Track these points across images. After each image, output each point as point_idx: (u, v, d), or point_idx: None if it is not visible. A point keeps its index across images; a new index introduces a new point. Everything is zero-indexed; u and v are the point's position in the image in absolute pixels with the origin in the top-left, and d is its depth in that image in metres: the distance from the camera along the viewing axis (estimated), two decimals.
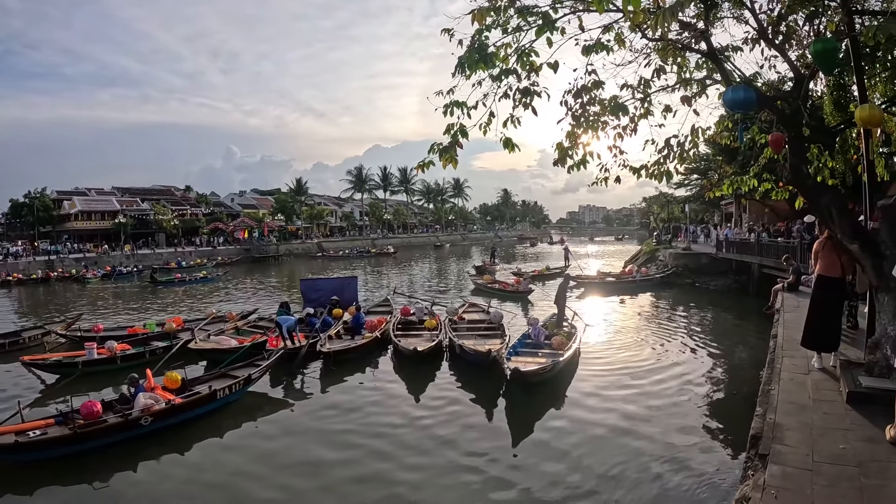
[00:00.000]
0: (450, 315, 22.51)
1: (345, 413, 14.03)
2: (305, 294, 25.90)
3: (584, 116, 8.94)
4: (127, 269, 63.67)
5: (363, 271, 59.16)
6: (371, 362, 18.46)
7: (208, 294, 42.92)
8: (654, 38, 8.90)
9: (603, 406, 14.14)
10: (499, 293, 34.92)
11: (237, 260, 75.48)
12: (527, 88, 7.98)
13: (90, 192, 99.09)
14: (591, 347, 20.00)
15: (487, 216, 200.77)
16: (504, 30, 7.84)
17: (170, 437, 12.62)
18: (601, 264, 54.86)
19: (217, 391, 14.09)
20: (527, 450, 11.71)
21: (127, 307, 36.78)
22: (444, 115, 7.63)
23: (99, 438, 11.94)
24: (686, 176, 52.85)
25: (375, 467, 11.06)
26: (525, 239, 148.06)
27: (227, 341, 19.62)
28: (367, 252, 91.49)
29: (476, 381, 16.07)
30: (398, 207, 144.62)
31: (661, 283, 37.66)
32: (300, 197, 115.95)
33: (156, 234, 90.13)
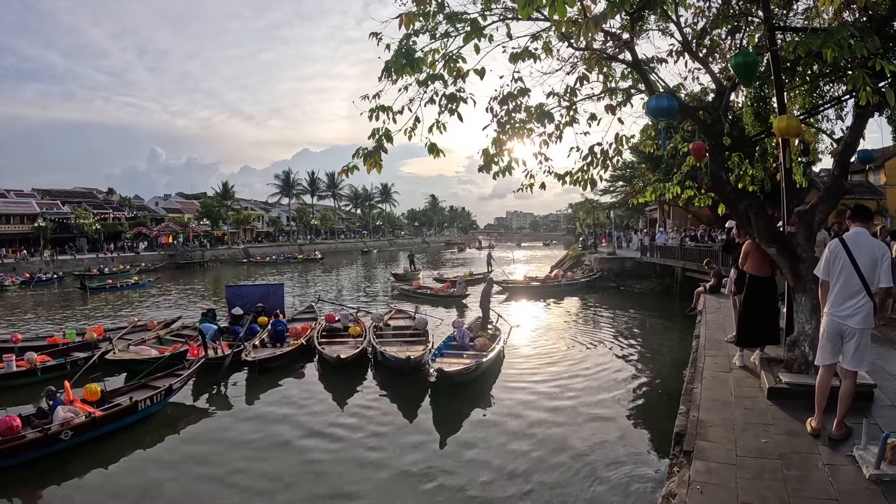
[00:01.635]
0: (375, 321, 22.42)
1: (269, 422, 13.83)
2: (231, 301, 25.44)
3: (509, 123, 9.03)
4: (47, 276, 61.01)
5: (290, 277, 58.51)
6: (296, 370, 18.25)
7: (135, 300, 41.82)
8: (580, 48, 9.04)
9: (528, 406, 14.31)
10: (430, 298, 35.07)
11: (161, 266, 73.72)
12: (453, 94, 8.03)
13: (9, 193, 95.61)
14: (515, 349, 20.22)
15: (415, 222, 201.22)
16: (432, 35, 7.87)
17: (92, 451, 12.23)
18: (528, 269, 55.38)
19: (138, 402, 13.68)
20: (453, 452, 11.74)
21: (50, 315, 35.57)
22: (370, 120, 7.64)
23: (17, 455, 11.40)
24: (611, 183, 53.95)
25: (301, 476, 10.94)
26: (453, 244, 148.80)
27: (147, 351, 19.10)
28: (294, 258, 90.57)
29: (399, 387, 16.11)
30: (326, 213, 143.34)
31: (587, 286, 38.16)
32: (227, 201, 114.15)
33: (77, 238, 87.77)
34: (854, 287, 6.57)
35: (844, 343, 6.66)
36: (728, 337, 12.23)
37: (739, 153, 11.28)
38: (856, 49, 6.44)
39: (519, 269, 57.32)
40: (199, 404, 15.73)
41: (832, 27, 6.97)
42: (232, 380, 17.30)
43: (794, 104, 10.87)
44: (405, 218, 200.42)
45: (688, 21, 9.85)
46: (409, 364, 16.37)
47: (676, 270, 32.56)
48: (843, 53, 6.52)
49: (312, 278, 58.29)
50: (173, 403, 15.23)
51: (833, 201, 9.40)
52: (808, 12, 9.95)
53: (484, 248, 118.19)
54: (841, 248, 6.71)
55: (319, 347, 18.81)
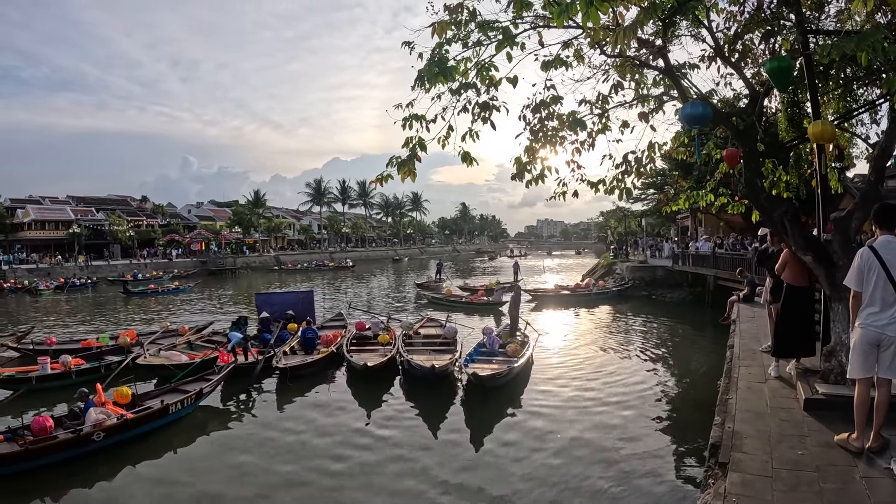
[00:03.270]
0: (405, 330, 22.38)
1: (298, 429, 13.85)
2: (260, 308, 25.52)
3: (542, 131, 9.00)
4: (81, 281, 62.59)
5: (321, 285, 58.75)
6: (326, 378, 18.24)
7: (170, 305, 42.62)
8: (612, 55, 9.00)
9: (558, 413, 14.22)
10: (465, 306, 35.03)
11: (194, 272, 74.41)
12: (486, 103, 8.02)
13: (45, 200, 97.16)
14: (545, 357, 20.19)
15: (446, 230, 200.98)
16: (464, 44, 7.87)
17: (122, 452, 12.38)
18: (559, 278, 55.07)
19: (169, 406, 13.85)
20: (482, 459, 11.68)
21: (84, 319, 36.25)
22: (403, 129, 7.63)
23: (50, 455, 11.61)
24: (643, 190, 53.43)
25: (328, 483, 10.93)
26: (483, 253, 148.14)
27: (177, 356, 19.23)
28: (324, 265, 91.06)
29: (426, 396, 16.03)
30: (357, 221, 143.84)
31: (618, 295, 37.76)
32: (258, 209, 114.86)
33: (111, 244, 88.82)
34: (892, 296, 6.43)
35: (881, 353, 6.52)
36: (763, 347, 12.06)
37: (773, 159, 11.15)
38: (890, 52, 6.34)
39: (549, 278, 57.05)
40: (229, 409, 15.86)
41: (866, 30, 6.88)
42: (262, 386, 17.37)
43: (827, 109, 10.71)
44: (436, 226, 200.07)
45: (719, 26, 9.77)
46: (434, 373, 16.27)
47: (708, 279, 32.16)
48: (877, 56, 6.43)
49: (343, 286, 58.36)
50: (203, 407, 15.36)
51: (869, 208, 9.26)
52: (841, 15, 9.81)
53: (515, 256, 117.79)
54: (873, 258, 6.56)
55: (348, 355, 18.74)
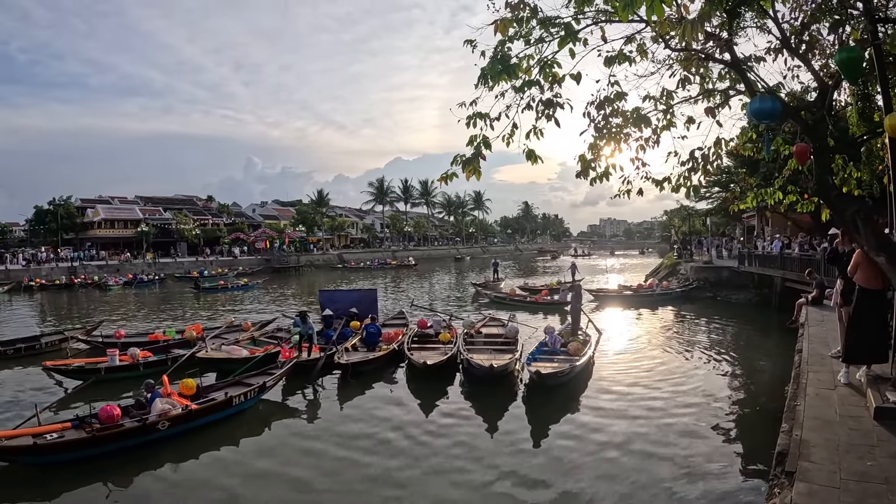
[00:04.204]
0: (467, 328, 22.33)
1: (357, 425, 13.96)
2: (324, 305, 25.69)
3: (606, 128, 8.88)
4: (148, 277, 64.46)
5: (383, 283, 59.19)
6: (387, 375, 18.30)
7: (236, 301, 43.73)
8: (677, 49, 8.84)
9: (619, 414, 14.07)
10: (529, 305, 34.86)
11: (258, 270, 75.52)
12: (549, 100, 7.94)
13: (114, 200, 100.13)
14: (607, 357, 20.00)
15: (508, 229, 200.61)
16: (526, 41, 7.80)
17: (186, 441, 12.75)
18: (621, 278, 54.48)
19: (233, 398, 14.18)
20: (541, 459, 11.62)
21: (152, 314, 37.30)
22: (467, 127, 7.60)
23: (116, 442, 12.06)
24: (708, 189, 52.43)
25: (383, 476, 11.02)
26: (545, 252, 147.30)
27: (238, 351, 19.63)
28: (387, 264, 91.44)
29: (486, 395, 15.93)
30: (419, 220, 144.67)
31: (682, 296, 37.08)
32: (321, 208, 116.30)
33: (177, 242, 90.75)
34: None
35: None
36: (833, 352, 11.74)
37: (844, 155, 10.81)
38: None
39: (612, 278, 56.51)
40: (291, 403, 16.09)
41: None
42: (324, 382, 17.53)
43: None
44: (498, 225, 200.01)
45: (785, 16, 9.50)
46: (493, 372, 16.20)
47: (775, 280, 31.37)
48: None
49: (405, 284, 58.65)
50: (266, 401, 15.63)
51: None
52: None
53: (578, 255, 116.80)
54: None
55: (409, 353, 18.73)
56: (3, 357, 21.33)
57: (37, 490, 10.92)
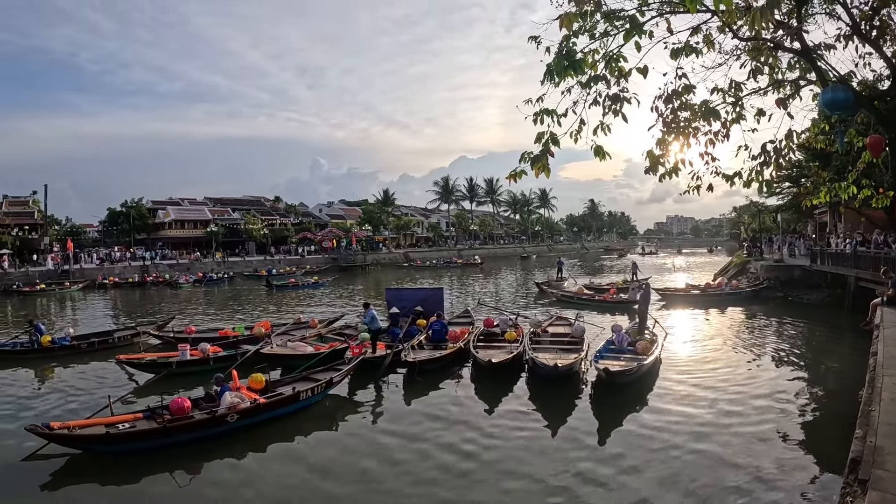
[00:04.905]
0: (533, 327, 22.17)
1: (422, 422, 14.01)
2: (390, 303, 25.76)
3: (675, 122, 8.76)
4: (218, 276, 66.10)
5: (449, 281, 59.28)
6: (453, 373, 18.28)
7: (304, 299, 44.45)
8: (745, 38, 8.67)
9: (685, 415, 13.84)
10: (598, 304, 34.48)
11: (325, 269, 76.43)
12: (616, 95, 7.88)
13: (184, 201, 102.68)
14: (673, 357, 19.70)
15: (574, 227, 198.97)
16: (591, 35, 7.75)
17: (254, 434, 13.03)
18: (689, 277, 53.59)
19: (300, 392, 14.45)
20: (605, 458, 11.51)
21: (220, 310, 38.28)
22: (535, 124, 7.55)
23: (186, 433, 12.45)
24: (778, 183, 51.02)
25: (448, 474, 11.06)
26: (612, 250, 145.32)
27: (303, 347, 19.86)
28: (453, 262, 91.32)
29: (551, 395, 15.83)
30: (484, 218, 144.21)
31: (752, 296, 35.92)
32: (387, 207, 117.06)
33: (246, 242, 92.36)
34: None
35: None
36: None
37: None
38: None
39: (679, 277, 55.64)
40: (357, 399, 16.20)
41: None
42: (390, 379, 17.63)
43: None
44: (564, 223, 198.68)
45: (854, 1, 9.25)
46: (558, 372, 16.11)
47: (849, 280, 30.35)
48: None
49: (471, 283, 58.60)
50: (332, 396, 15.86)
51: None
52: None
53: (647, 253, 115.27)
54: None
55: (474, 352, 18.64)
56: (78, 351, 22.30)
57: (108, 478, 11.32)
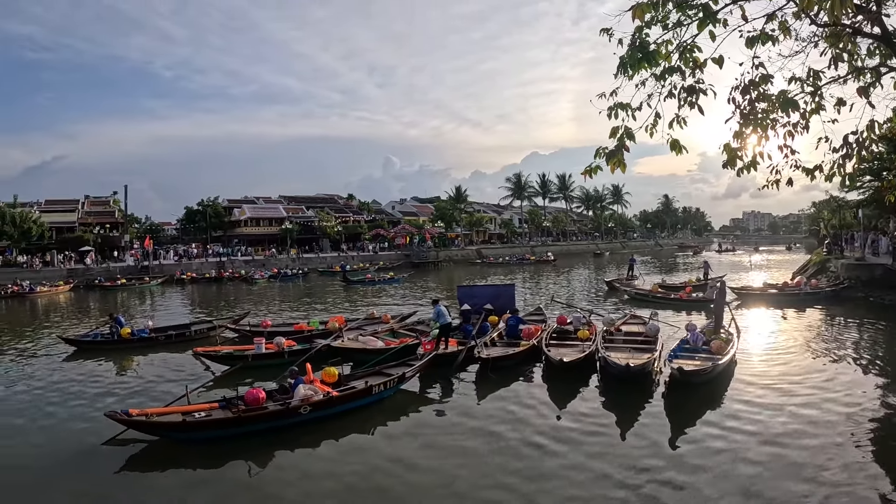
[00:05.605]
0: (606, 326, 21.89)
1: (493, 419, 13.93)
2: (462, 300, 25.70)
3: (752, 114, 8.56)
4: (292, 272, 67.60)
5: (521, 278, 58.98)
6: (525, 371, 18.11)
7: (379, 295, 44.93)
8: (823, 24, 8.43)
9: (760, 418, 13.40)
10: (674, 303, 33.87)
11: (398, 265, 77.25)
12: (692, 86, 7.74)
13: (259, 200, 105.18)
14: (749, 357, 19.14)
15: (647, 223, 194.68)
16: (664, 25, 7.63)
17: (326, 426, 13.25)
18: (767, 275, 52.27)
19: (373, 387, 14.62)
20: (675, 461, 11.30)
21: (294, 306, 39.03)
22: (609, 118, 7.46)
23: (259, 423, 12.80)
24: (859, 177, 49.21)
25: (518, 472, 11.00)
26: (686, 247, 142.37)
27: (374, 342, 20.11)
28: (526, 259, 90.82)
29: (623, 394, 15.58)
30: (557, 214, 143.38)
31: (832, 296, 34.39)
32: (459, 204, 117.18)
33: (320, 239, 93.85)
34: None
35: None
36: None
37: None
38: None
39: (756, 276, 54.34)
40: (429, 395, 16.28)
41: None
42: (462, 375, 17.65)
43: None
44: (637, 219, 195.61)
45: None
46: (629, 371, 15.79)
47: None
48: None
49: (543, 280, 58.15)
50: (404, 391, 15.99)
51: None
52: None
53: (724, 251, 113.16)
54: None
55: (546, 349, 18.42)
56: (156, 343, 23.19)
57: (182, 464, 11.73)
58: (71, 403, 16.04)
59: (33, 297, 49.46)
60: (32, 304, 46.15)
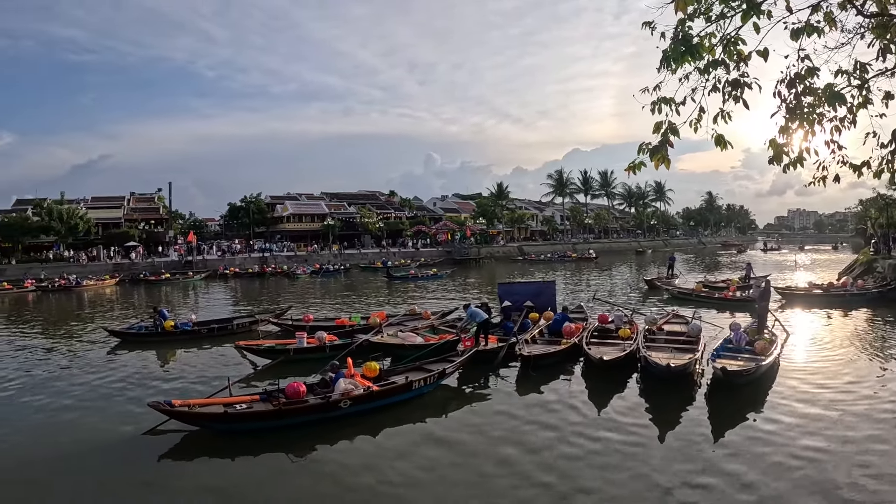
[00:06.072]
0: (648, 324, 21.58)
1: (533, 417, 13.86)
2: (503, 297, 25.55)
3: (798, 108, 8.43)
4: (334, 267, 68.36)
5: (562, 275, 58.60)
6: (566, 369, 17.98)
7: (420, 291, 45.17)
8: (870, 15, 8.28)
9: (803, 423, 13.03)
10: (717, 302, 33.17)
11: (439, 262, 77.48)
12: (736, 80, 7.64)
13: (301, 196, 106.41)
14: (792, 359, 18.72)
15: (690, 221, 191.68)
16: (707, 18, 7.55)
17: (366, 420, 13.34)
18: (812, 275, 51.30)
19: (413, 382, 14.71)
20: (715, 464, 11.06)
21: (335, 301, 39.40)
22: (652, 113, 7.38)
23: (299, 416, 12.96)
24: None
25: (556, 471, 10.95)
26: (730, 246, 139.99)
27: (413, 338, 20.06)
28: (567, 256, 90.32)
29: (663, 395, 15.37)
30: (599, 212, 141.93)
31: (878, 297, 33.33)
32: (501, 201, 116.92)
33: (361, 235, 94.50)
34: None
35: None
36: None
37: None
38: None
39: (800, 276, 53.38)
40: (469, 392, 16.30)
41: None
42: (503, 372, 17.62)
43: None
44: (680, 217, 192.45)
45: None
46: (670, 371, 15.65)
47: None
48: None
49: (585, 277, 57.80)
50: (444, 387, 16.04)
51: None
52: None
53: (769, 250, 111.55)
54: None
55: (586, 348, 18.32)
56: (199, 336, 23.78)
57: (222, 454, 11.97)
58: (115, 393, 16.47)
59: (80, 291, 50.98)
60: (79, 297, 47.43)
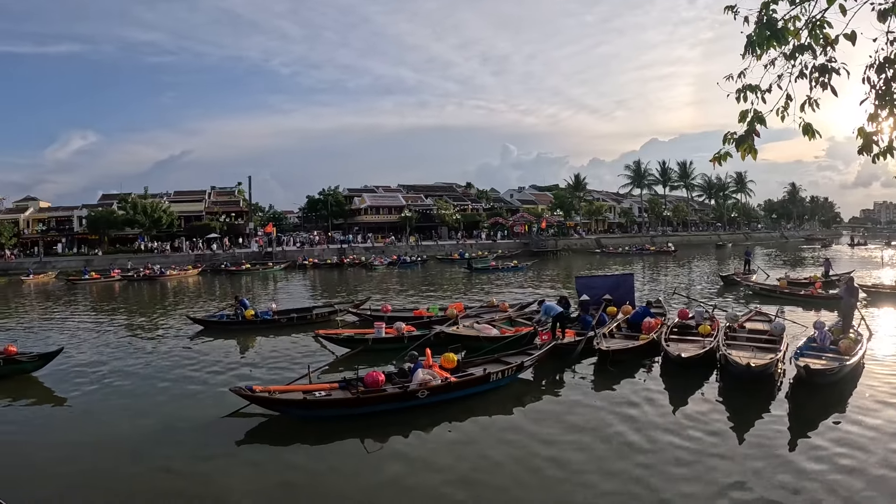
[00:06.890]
0: (730, 322, 20.96)
1: (609, 414, 13.59)
2: (580, 291, 25.22)
3: (888, 95, 8.11)
4: (411, 259, 69.32)
5: (640, 269, 57.87)
6: (644, 365, 17.64)
7: (499, 283, 45.10)
8: None
9: (887, 430, 12.29)
10: (802, 300, 31.57)
11: (516, 254, 77.51)
12: (823, 65, 7.38)
13: (378, 189, 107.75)
14: (878, 360, 17.78)
15: (772, 213, 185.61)
16: (791, 0, 7.32)
17: (443, 411, 13.42)
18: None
19: (491, 374, 14.68)
20: (792, 467, 10.64)
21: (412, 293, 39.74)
22: (737, 101, 7.19)
23: (377, 405, 13.14)
24: None
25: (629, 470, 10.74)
26: (814, 240, 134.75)
27: (488, 330, 20.10)
28: (646, 250, 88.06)
29: (743, 395, 14.78)
30: (678, 204, 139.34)
31: None
32: (578, 192, 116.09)
33: (438, 227, 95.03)
34: None
35: None
36: None
37: None
38: None
39: (887, 273, 50.87)
40: (547, 386, 16.23)
41: None
42: (580, 367, 17.41)
43: None
44: (761, 209, 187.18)
45: None
46: (750, 371, 15.04)
47: None
48: None
49: (663, 271, 56.59)
50: (521, 380, 15.99)
51: None
52: None
53: (857, 244, 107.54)
54: None
55: (665, 344, 17.93)
56: (279, 325, 24.35)
57: (300, 439, 12.29)
58: (196, 378, 17.02)
59: (163, 280, 53.59)
60: (163, 286, 49.51)
